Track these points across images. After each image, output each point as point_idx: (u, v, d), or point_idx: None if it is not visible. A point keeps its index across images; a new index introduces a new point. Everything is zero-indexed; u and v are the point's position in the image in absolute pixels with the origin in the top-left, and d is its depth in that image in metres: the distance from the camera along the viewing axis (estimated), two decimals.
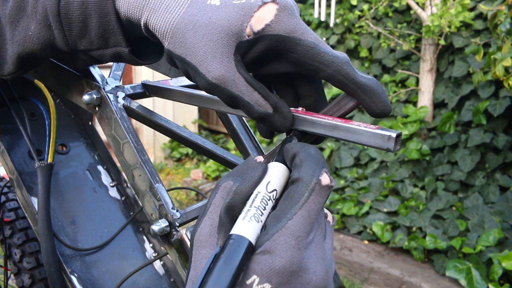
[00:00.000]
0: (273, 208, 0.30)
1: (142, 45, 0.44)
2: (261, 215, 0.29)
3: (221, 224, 0.29)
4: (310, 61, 0.33)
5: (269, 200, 0.30)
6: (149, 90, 0.55)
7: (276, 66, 0.35)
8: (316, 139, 0.38)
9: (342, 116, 0.36)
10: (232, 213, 0.29)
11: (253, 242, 0.28)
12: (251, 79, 0.35)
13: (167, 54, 0.37)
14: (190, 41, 0.34)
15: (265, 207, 0.29)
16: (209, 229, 0.30)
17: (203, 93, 0.46)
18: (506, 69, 1.85)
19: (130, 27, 0.41)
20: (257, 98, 0.35)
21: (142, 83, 0.56)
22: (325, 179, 0.29)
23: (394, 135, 0.31)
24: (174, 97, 0.50)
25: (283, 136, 0.41)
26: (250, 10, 0.33)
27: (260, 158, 0.32)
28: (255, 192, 0.30)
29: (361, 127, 0.32)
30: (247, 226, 0.28)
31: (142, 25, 0.38)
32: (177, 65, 0.37)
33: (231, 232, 0.28)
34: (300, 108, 0.37)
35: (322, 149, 3.74)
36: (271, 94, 0.35)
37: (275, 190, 0.30)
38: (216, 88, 0.34)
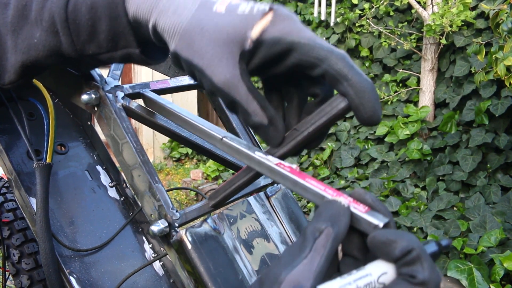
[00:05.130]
0: None
1: (148, 45, 0.45)
2: None
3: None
4: (306, 57, 0.34)
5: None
6: (146, 103, 0.53)
7: (279, 68, 0.36)
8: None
9: (335, 119, 0.34)
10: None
11: None
12: (253, 88, 0.36)
13: (173, 56, 0.38)
14: (197, 44, 0.35)
15: None
16: (307, 275, 0.26)
17: (194, 120, 0.45)
18: (508, 68, 1.85)
19: (137, 28, 0.41)
20: (255, 107, 0.36)
21: (135, 85, 0.55)
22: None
23: (381, 225, 0.28)
24: (171, 118, 0.48)
25: None
26: (252, 21, 0.34)
27: (345, 202, 0.30)
28: (365, 271, 0.27)
29: (353, 208, 0.29)
30: None
31: (150, 27, 0.39)
32: (183, 66, 0.38)
33: None
34: (294, 166, 0.35)
35: (322, 149, 3.74)
36: (269, 107, 0.37)
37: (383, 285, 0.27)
38: (220, 91, 0.36)
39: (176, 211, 0.47)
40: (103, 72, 0.55)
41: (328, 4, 3.67)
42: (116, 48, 0.42)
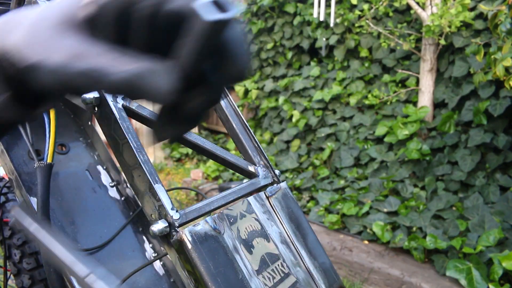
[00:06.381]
0: None
1: None
2: None
3: None
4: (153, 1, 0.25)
5: None
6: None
7: (133, 28, 0.28)
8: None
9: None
10: None
11: None
12: (109, 45, 0.27)
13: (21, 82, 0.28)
14: (32, 42, 0.28)
15: None
16: None
17: None
18: (507, 69, 1.85)
19: None
20: (120, 60, 0.26)
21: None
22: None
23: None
24: None
25: None
26: None
27: None
28: None
29: None
30: None
31: None
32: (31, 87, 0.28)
33: None
34: None
35: (322, 149, 3.74)
36: (134, 56, 0.26)
37: None
38: (67, 69, 0.26)
39: (176, 211, 0.47)
40: None
41: (328, 5, 3.67)
42: None
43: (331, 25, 3.69)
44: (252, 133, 0.64)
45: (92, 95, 0.51)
